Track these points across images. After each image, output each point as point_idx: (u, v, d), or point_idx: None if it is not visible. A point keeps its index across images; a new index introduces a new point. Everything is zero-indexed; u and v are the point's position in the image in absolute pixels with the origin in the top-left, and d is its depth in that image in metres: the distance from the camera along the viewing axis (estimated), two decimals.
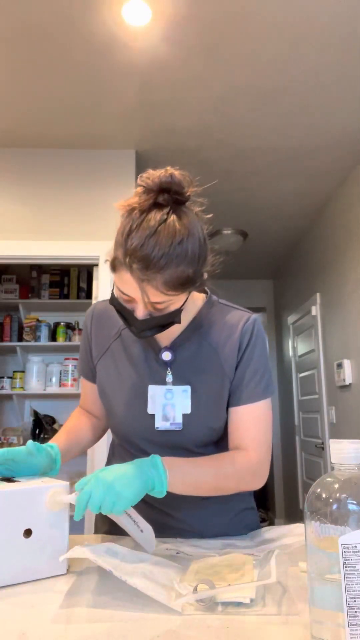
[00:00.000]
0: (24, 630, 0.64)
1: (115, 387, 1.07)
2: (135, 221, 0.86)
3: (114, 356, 1.09)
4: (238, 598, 0.70)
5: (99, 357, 1.12)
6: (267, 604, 0.71)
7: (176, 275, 0.86)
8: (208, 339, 1.05)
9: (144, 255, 0.84)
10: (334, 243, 3.75)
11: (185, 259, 0.86)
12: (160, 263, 0.84)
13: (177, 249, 0.85)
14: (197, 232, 0.89)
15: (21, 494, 0.83)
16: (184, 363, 1.04)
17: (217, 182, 3.56)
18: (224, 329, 1.05)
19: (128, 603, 0.72)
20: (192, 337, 1.05)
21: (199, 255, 0.89)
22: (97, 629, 0.64)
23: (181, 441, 1.03)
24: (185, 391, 1.02)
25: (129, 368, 1.07)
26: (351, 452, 0.58)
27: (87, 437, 1.17)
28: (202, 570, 0.81)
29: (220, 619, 0.67)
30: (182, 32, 2.23)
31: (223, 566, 0.82)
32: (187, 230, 0.87)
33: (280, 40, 2.28)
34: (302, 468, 4.66)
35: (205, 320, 1.06)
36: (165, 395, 1.03)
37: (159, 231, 0.84)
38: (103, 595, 0.75)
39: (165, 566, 0.83)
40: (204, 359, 1.04)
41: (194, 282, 0.91)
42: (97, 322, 1.14)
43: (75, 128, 2.95)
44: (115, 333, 1.11)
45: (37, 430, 3.59)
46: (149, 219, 0.85)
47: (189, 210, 0.90)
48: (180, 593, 0.73)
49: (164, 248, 0.84)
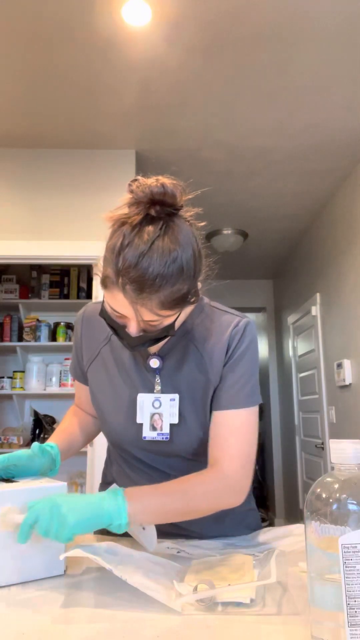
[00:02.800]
0: (23, 631, 0.64)
1: (106, 395, 1.05)
2: (126, 237, 0.80)
3: (104, 362, 1.06)
4: (238, 598, 0.70)
5: (90, 363, 1.09)
6: (267, 604, 0.71)
7: (172, 294, 0.81)
8: (197, 344, 1.00)
9: (138, 276, 0.78)
10: (334, 243, 3.75)
11: (181, 276, 0.81)
12: (155, 284, 0.79)
13: (171, 267, 0.80)
14: (191, 244, 0.84)
15: (18, 494, 0.83)
16: (173, 370, 1.00)
17: (217, 182, 3.56)
18: (213, 334, 1.00)
19: (127, 603, 0.72)
20: (180, 344, 1.00)
21: (193, 270, 0.84)
22: (96, 628, 0.64)
23: (171, 450, 1.00)
24: (173, 400, 0.98)
25: (119, 375, 1.04)
26: (351, 452, 0.58)
27: (83, 436, 1.17)
28: (202, 570, 0.81)
29: (219, 619, 0.67)
30: (182, 32, 2.23)
31: (223, 566, 0.82)
32: (181, 245, 0.81)
33: (280, 40, 2.28)
34: (302, 468, 4.66)
35: (194, 325, 1.01)
36: (153, 404, 0.99)
37: (153, 249, 0.79)
38: (102, 595, 0.75)
39: (166, 566, 0.83)
40: (192, 366, 0.99)
41: (190, 297, 0.86)
42: (88, 326, 1.10)
43: (75, 128, 2.95)
44: (105, 338, 1.07)
45: (37, 430, 3.59)
46: (141, 234, 0.80)
47: (183, 221, 0.85)
48: (181, 593, 0.73)
49: (159, 267, 0.79)
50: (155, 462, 1.04)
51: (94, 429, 1.21)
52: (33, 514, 0.77)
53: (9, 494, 0.82)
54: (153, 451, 1.02)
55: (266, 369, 5.82)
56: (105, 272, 0.84)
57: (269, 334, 5.85)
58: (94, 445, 2.80)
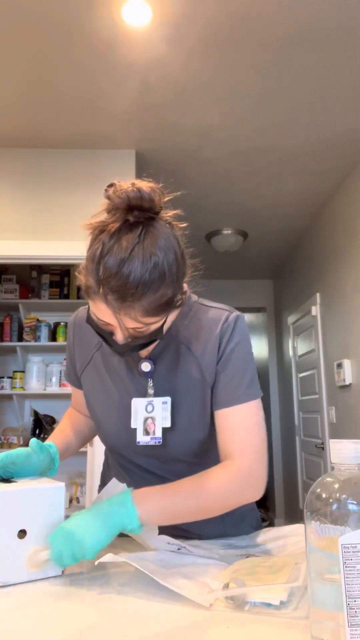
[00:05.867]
0: (19, 630, 0.64)
1: (100, 400, 1.04)
2: (105, 245, 0.78)
3: (97, 368, 1.05)
4: (267, 599, 0.70)
5: (83, 368, 1.07)
6: (299, 607, 0.69)
7: (155, 300, 0.79)
8: (188, 344, 0.97)
9: (119, 285, 0.76)
10: (334, 243, 3.75)
11: (164, 282, 0.79)
12: (137, 292, 0.77)
13: (153, 273, 0.77)
14: (173, 247, 0.81)
15: (15, 494, 0.82)
16: (166, 373, 0.98)
17: (217, 182, 3.56)
18: (204, 332, 0.97)
19: (127, 602, 0.72)
20: (171, 345, 0.98)
21: (177, 274, 0.82)
22: (96, 628, 0.64)
23: (168, 454, 0.99)
24: (165, 403, 0.96)
25: (111, 380, 1.02)
26: (351, 452, 0.58)
27: (79, 439, 1.17)
28: (240, 569, 0.80)
29: (239, 617, 0.67)
30: (182, 32, 2.23)
31: (263, 567, 0.81)
32: (162, 250, 0.79)
33: (280, 40, 2.28)
34: (302, 468, 4.66)
35: (183, 325, 0.98)
36: (147, 408, 0.97)
37: (133, 256, 0.77)
38: (101, 595, 0.75)
39: (205, 566, 0.84)
40: (186, 367, 0.97)
41: (174, 301, 0.84)
42: (79, 332, 1.08)
43: (75, 128, 2.95)
44: (97, 343, 1.05)
45: (37, 430, 3.59)
46: (120, 242, 0.78)
47: (163, 224, 0.82)
48: (212, 589, 0.74)
49: (140, 274, 0.76)
50: (153, 467, 1.03)
51: (90, 432, 1.21)
52: (55, 550, 0.79)
53: (8, 494, 0.82)
54: (150, 456, 1.01)
55: (266, 369, 5.82)
56: (86, 282, 0.81)
57: (269, 334, 5.85)
58: (93, 446, 2.80)
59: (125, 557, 0.80)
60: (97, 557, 0.80)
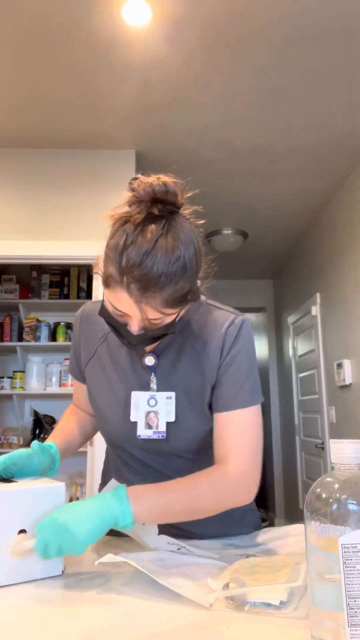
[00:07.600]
0: (19, 630, 0.64)
1: (103, 394, 1.05)
2: (129, 236, 0.80)
3: (101, 361, 1.06)
4: (267, 599, 0.70)
5: (87, 362, 1.09)
6: (299, 607, 0.69)
7: (175, 292, 0.82)
8: (192, 342, 0.99)
9: (142, 274, 0.79)
10: (334, 243, 3.75)
11: (184, 274, 0.82)
12: (160, 283, 0.79)
13: (175, 265, 0.80)
14: (193, 242, 0.85)
15: (15, 494, 0.82)
16: (168, 368, 0.99)
17: (217, 182, 3.56)
18: (209, 332, 0.98)
19: (127, 602, 0.72)
20: (176, 341, 1.00)
21: (196, 268, 0.85)
22: (96, 627, 0.64)
23: (169, 449, 1.00)
24: (170, 398, 0.97)
25: (115, 373, 1.03)
26: (351, 452, 0.58)
27: (81, 435, 1.17)
28: (240, 569, 0.80)
29: (239, 617, 0.67)
30: (182, 32, 2.23)
31: (263, 567, 0.81)
32: (184, 244, 0.82)
33: (280, 40, 2.28)
34: (302, 468, 4.66)
35: (190, 323, 1.00)
36: (149, 402, 0.98)
37: (157, 248, 0.79)
38: (101, 595, 0.75)
39: (208, 565, 0.84)
40: (188, 364, 0.99)
41: (191, 295, 0.87)
42: (86, 325, 1.10)
43: (75, 128, 2.95)
44: (102, 336, 1.07)
45: (37, 430, 3.59)
46: (144, 233, 0.80)
47: (183, 219, 0.85)
48: (212, 589, 0.73)
49: (163, 266, 0.79)
50: (152, 462, 1.03)
51: (92, 428, 1.21)
52: (41, 539, 0.77)
53: (8, 494, 0.82)
54: (150, 450, 1.02)
55: (266, 369, 5.82)
56: (107, 271, 0.83)
57: (269, 334, 5.85)
58: (93, 445, 2.80)
59: (125, 557, 0.80)
60: (86, 551, 0.79)
